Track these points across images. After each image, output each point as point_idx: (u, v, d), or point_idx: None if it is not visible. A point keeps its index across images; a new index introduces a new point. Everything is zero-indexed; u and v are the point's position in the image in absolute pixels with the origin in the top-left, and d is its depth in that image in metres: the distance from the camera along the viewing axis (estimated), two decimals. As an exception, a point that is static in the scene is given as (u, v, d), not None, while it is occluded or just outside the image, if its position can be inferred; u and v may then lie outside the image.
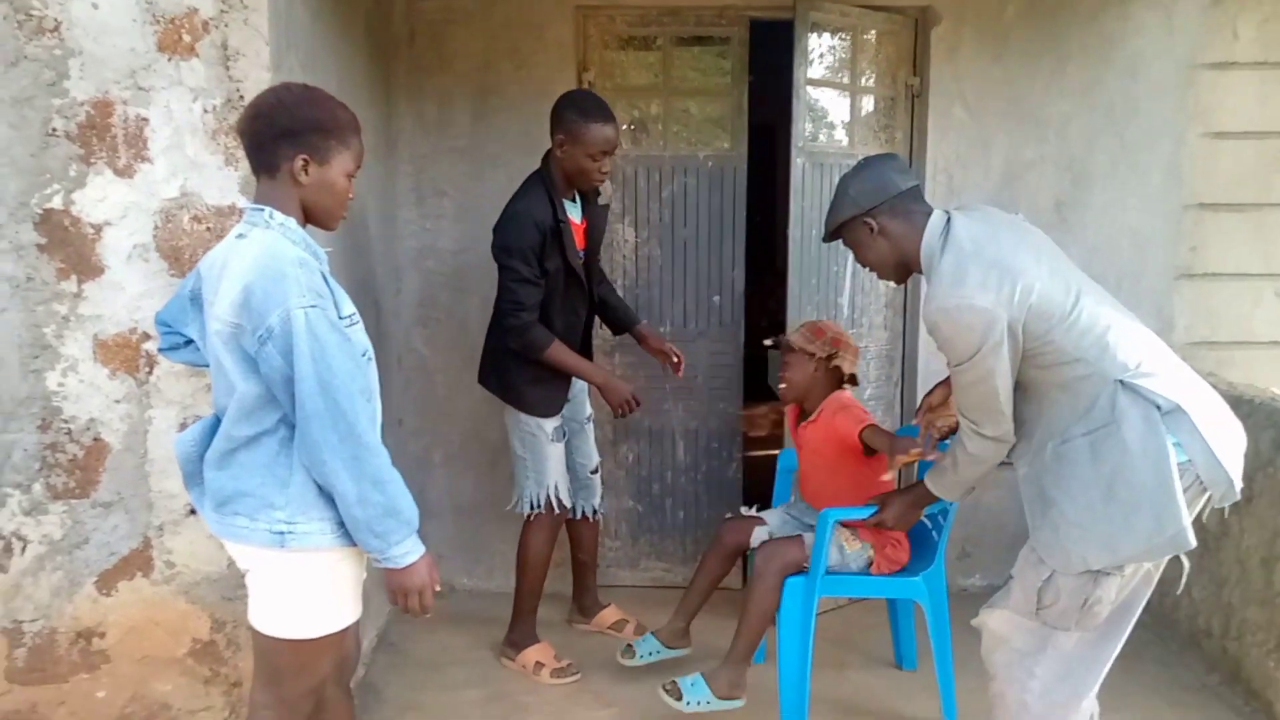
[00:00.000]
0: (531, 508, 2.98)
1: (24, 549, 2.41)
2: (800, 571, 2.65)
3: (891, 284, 2.71)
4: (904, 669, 3.12)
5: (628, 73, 3.50)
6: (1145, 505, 1.86)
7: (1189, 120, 3.43)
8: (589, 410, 3.18)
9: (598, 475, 3.21)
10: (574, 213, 2.92)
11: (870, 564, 2.69)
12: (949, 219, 2.06)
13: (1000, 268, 1.94)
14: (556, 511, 3.00)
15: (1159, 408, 1.88)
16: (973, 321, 1.92)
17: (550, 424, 2.94)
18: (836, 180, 3.24)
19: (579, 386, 3.10)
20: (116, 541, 2.43)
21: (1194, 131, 3.44)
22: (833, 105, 3.38)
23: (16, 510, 2.40)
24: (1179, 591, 2.13)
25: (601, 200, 3.02)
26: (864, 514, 2.56)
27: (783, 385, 2.82)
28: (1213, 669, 2.99)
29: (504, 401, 2.95)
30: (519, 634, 3.07)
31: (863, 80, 3.39)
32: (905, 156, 3.53)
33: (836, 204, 2.20)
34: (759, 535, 2.83)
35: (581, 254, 2.92)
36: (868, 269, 2.24)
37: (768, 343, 3.00)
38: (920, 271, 2.12)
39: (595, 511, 3.22)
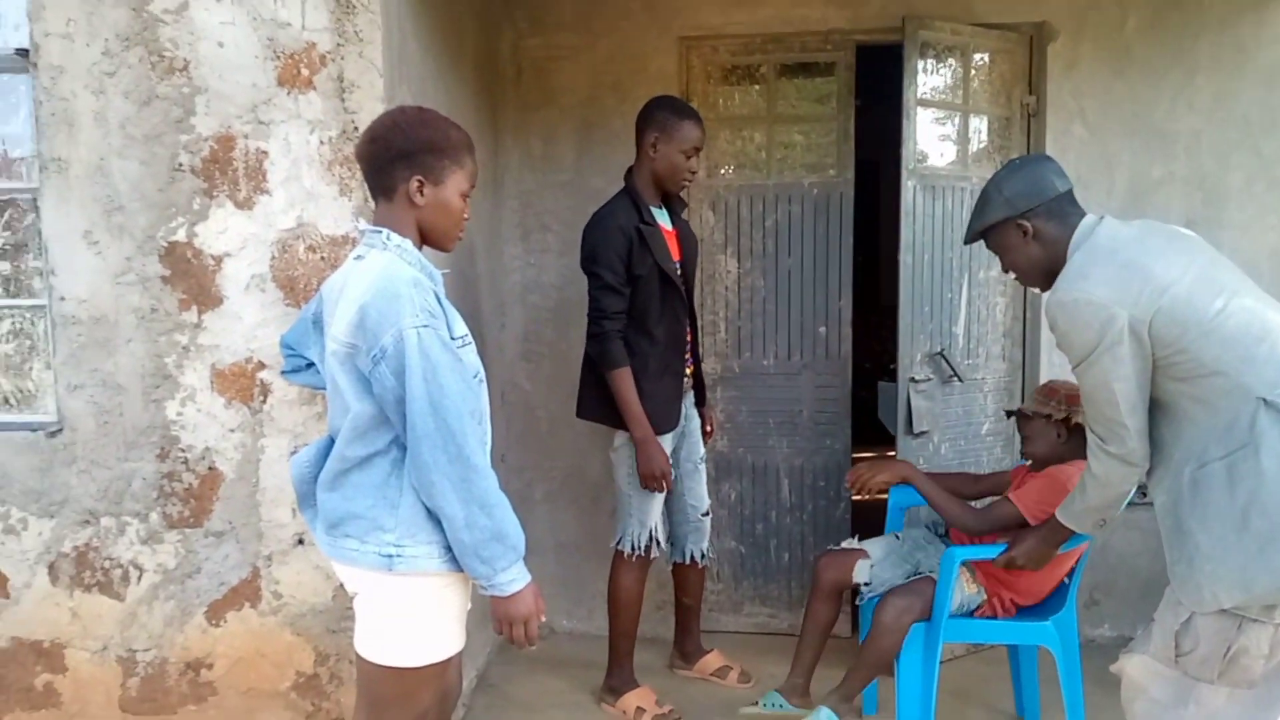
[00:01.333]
0: (632, 549, 2.89)
1: (140, 578, 2.45)
2: (923, 618, 2.49)
3: (1008, 314, 2.56)
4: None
5: (731, 102, 3.46)
6: None
7: (1334, 131, 3.20)
8: (702, 451, 3.09)
9: (708, 518, 3.11)
10: (664, 219, 2.89)
11: (979, 609, 2.52)
12: (1101, 220, 1.96)
13: (1132, 267, 1.84)
14: (654, 555, 2.92)
15: None
16: (1089, 317, 1.82)
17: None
18: (948, 204, 3.19)
19: (694, 425, 3.04)
20: (227, 571, 2.45)
21: (1340, 144, 3.21)
22: (944, 126, 3.27)
23: (134, 539, 2.44)
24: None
25: (698, 229, 3.03)
26: (993, 552, 2.39)
27: (1028, 459, 2.62)
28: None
29: (612, 426, 2.87)
30: (618, 679, 2.98)
31: (976, 100, 3.27)
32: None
33: (987, 205, 2.08)
34: (861, 570, 2.69)
35: (678, 264, 2.86)
36: (1011, 274, 2.13)
37: (1007, 410, 2.87)
38: None
39: (704, 555, 3.11)
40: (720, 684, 3.09)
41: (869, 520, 3.32)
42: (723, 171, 3.46)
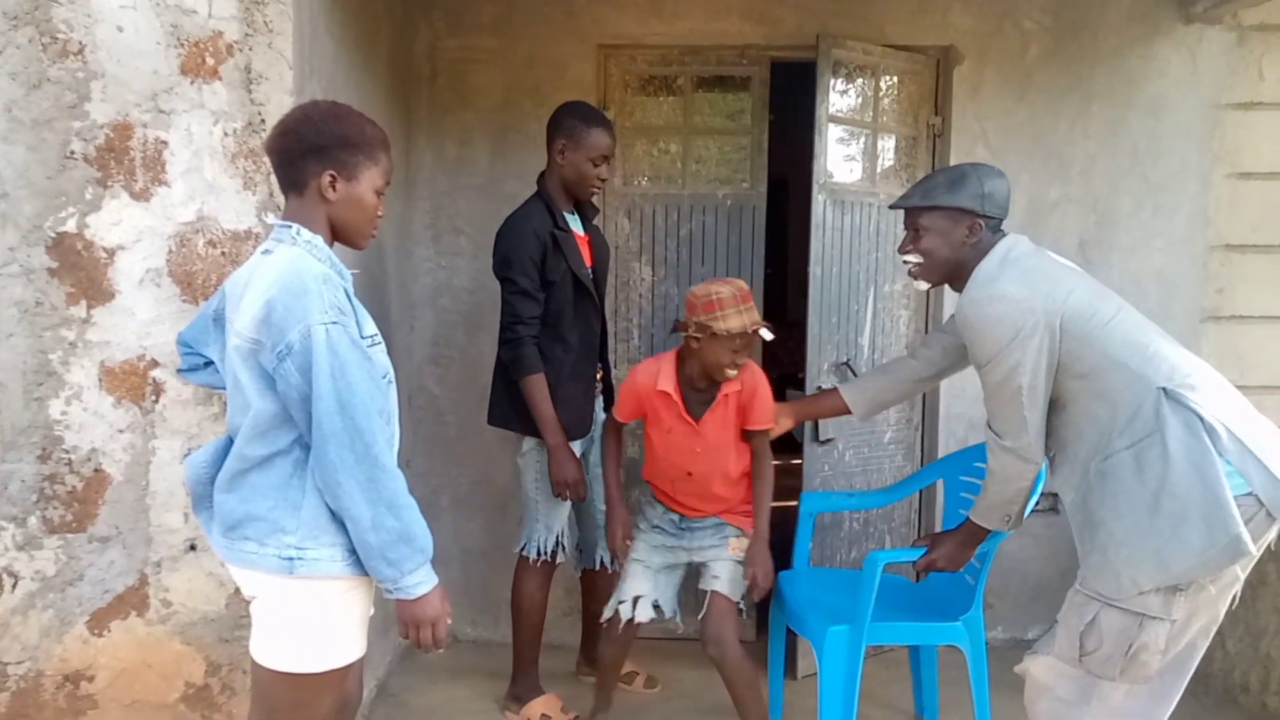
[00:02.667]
0: (538, 554, 2.86)
1: (14, 586, 2.32)
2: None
3: (911, 325, 2.62)
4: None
5: (649, 112, 3.48)
6: (1194, 514, 1.78)
7: (1215, 161, 3.39)
8: None
9: None
10: (576, 225, 2.88)
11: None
12: (1006, 244, 2.06)
13: (1037, 272, 1.97)
14: (559, 560, 2.90)
15: (1202, 421, 1.81)
16: (1003, 312, 1.91)
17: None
18: (856, 219, 3.27)
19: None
20: (112, 578, 2.33)
21: (1220, 172, 3.40)
22: (854, 144, 3.35)
23: (10, 544, 2.31)
24: (1233, 606, 2.01)
25: (613, 236, 3.01)
26: (913, 555, 2.43)
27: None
28: (1253, 726, 2.86)
29: (522, 433, 2.84)
30: (522, 686, 2.94)
31: (885, 119, 3.36)
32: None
33: (963, 187, 2.07)
34: (644, 610, 2.58)
35: (590, 270, 2.85)
36: (912, 257, 2.15)
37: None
38: (962, 283, 2.09)
39: (613, 561, 3.10)
40: (627, 689, 3.08)
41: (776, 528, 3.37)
42: (638, 180, 3.48)
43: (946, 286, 2.22)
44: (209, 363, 1.89)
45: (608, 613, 2.60)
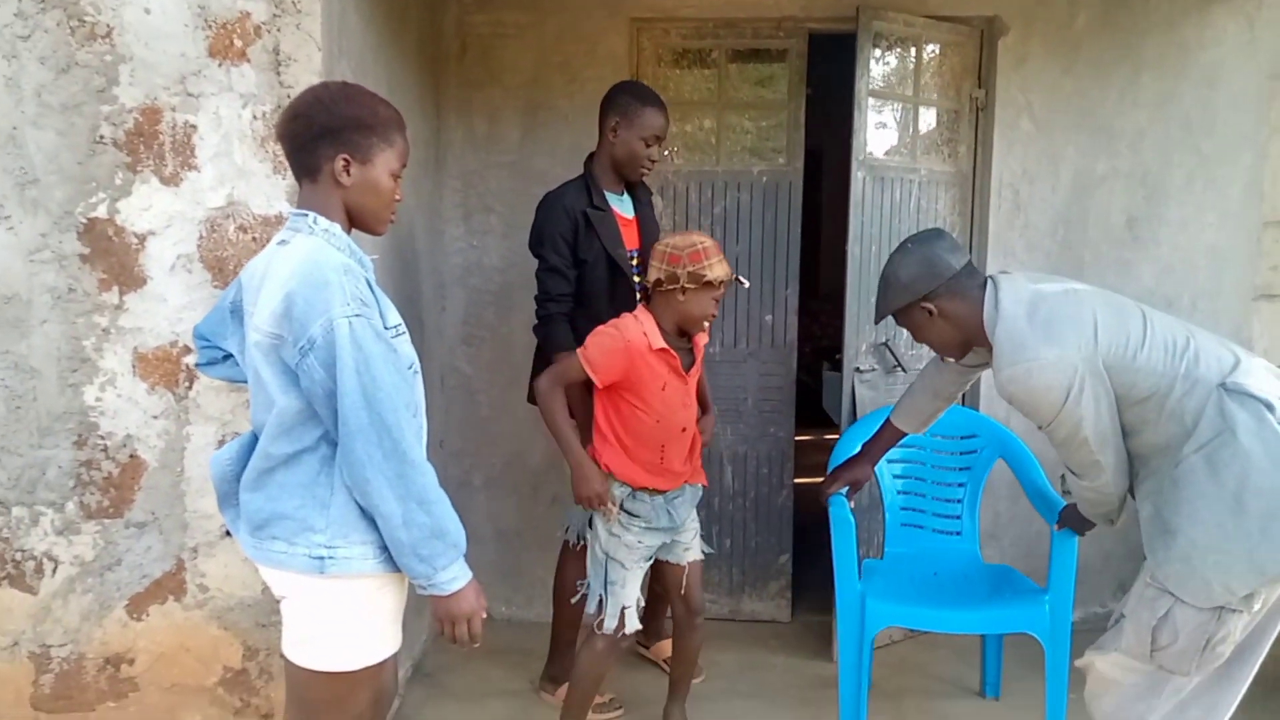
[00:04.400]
0: (578, 539, 2.84)
1: (55, 570, 2.34)
2: None
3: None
4: (987, 697, 2.99)
5: (682, 86, 3.41)
6: None
7: (1272, 133, 3.27)
8: None
9: None
10: (622, 207, 2.83)
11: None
12: (998, 290, 2.00)
13: (1055, 320, 1.91)
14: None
15: (1269, 406, 1.75)
16: (1049, 379, 1.86)
17: None
18: (896, 195, 3.19)
19: None
20: (149, 563, 2.35)
21: (1276, 145, 3.28)
22: (895, 118, 3.26)
23: (49, 529, 2.32)
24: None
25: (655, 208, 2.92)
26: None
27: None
28: (1306, 717, 2.79)
29: None
30: (558, 668, 2.93)
31: (925, 93, 3.26)
32: (969, 170, 3.40)
33: (887, 290, 2.13)
34: (631, 621, 2.49)
35: (634, 252, 2.80)
36: (926, 348, 2.21)
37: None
38: (984, 345, 2.05)
39: (577, 538, 2.97)
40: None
41: (811, 507, 3.33)
42: (671, 157, 3.41)
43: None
44: (228, 355, 1.85)
45: (608, 621, 2.47)
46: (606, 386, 2.39)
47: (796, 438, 3.52)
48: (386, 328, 1.64)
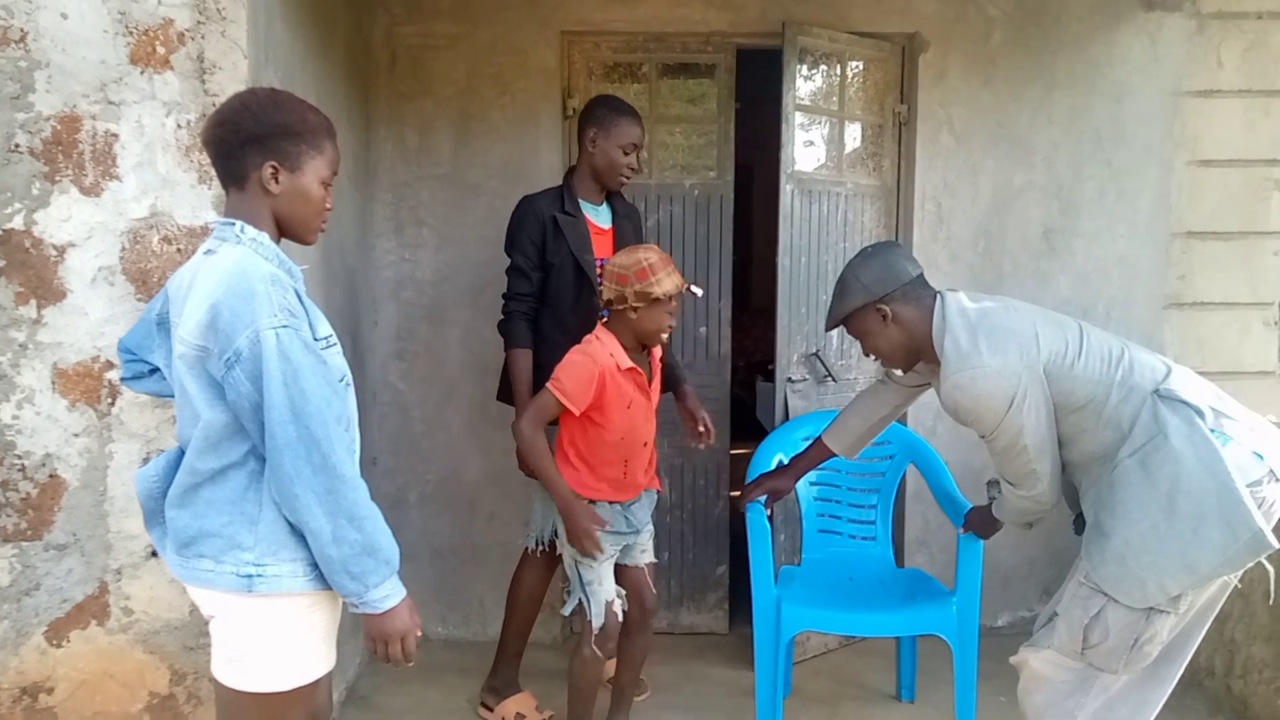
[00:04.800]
0: (536, 544, 2.84)
1: (-31, 597, 2.24)
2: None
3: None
4: (903, 700, 3.05)
5: (612, 100, 3.44)
6: (1211, 513, 1.80)
7: (1176, 147, 3.43)
8: None
9: None
10: (598, 216, 2.88)
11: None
12: (944, 303, 2.07)
13: (998, 332, 1.98)
14: (550, 553, 2.87)
15: (1199, 412, 1.84)
16: (992, 387, 1.93)
17: None
18: (824, 208, 3.26)
19: None
20: (70, 587, 2.27)
21: (1181, 159, 3.44)
22: (821, 133, 3.34)
23: (-38, 554, 2.23)
24: (1270, 603, 2.05)
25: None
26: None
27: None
28: (1217, 710, 2.91)
29: None
30: (502, 680, 2.92)
31: (850, 107, 3.35)
32: (893, 183, 3.50)
33: (846, 291, 2.18)
34: (623, 607, 2.55)
35: (604, 260, 2.81)
36: (874, 358, 2.24)
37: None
38: (930, 359, 2.11)
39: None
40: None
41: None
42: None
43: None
44: (154, 370, 1.79)
45: (595, 621, 2.49)
46: (567, 415, 2.42)
47: (731, 451, 3.55)
48: (316, 339, 1.61)
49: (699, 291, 2.54)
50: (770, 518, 2.70)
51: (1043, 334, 1.98)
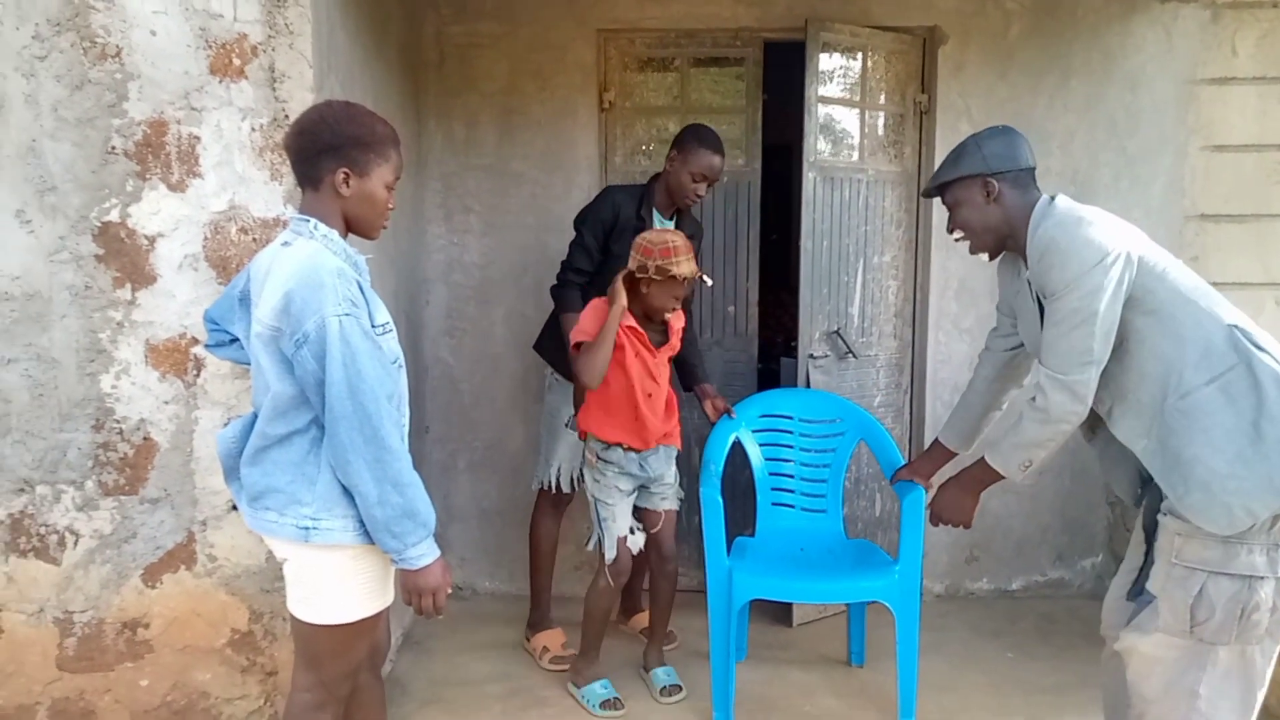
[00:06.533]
0: (540, 484, 3.15)
1: (76, 543, 2.55)
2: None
3: (900, 295, 2.70)
4: (853, 664, 3.22)
5: (647, 93, 3.64)
6: None
7: (1190, 134, 3.53)
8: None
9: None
10: (663, 224, 3.09)
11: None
12: (1055, 198, 2.07)
13: (1106, 220, 1.98)
14: (555, 493, 3.15)
15: (1272, 354, 1.85)
16: (1092, 235, 1.91)
17: (568, 410, 3.08)
18: (846, 194, 3.44)
19: None
20: (162, 536, 2.56)
21: (1195, 145, 3.54)
22: (844, 122, 3.52)
23: (70, 506, 2.54)
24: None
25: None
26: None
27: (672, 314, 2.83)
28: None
29: (549, 363, 3.12)
30: (535, 616, 3.25)
31: (873, 97, 3.51)
32: (914, 170, 3.65)
33: (963, 156, 2.15)
34: (635, 543, 2.90)
35: None
36: (958, 234, 2.21)
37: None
38: (1018, 248, 2.11)
39: (568, 483, 3.22)
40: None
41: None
42: (639, 158, 3.65)
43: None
44: (234, 339, 2.03)
45: (608, 554, 2.85)
46: None
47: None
48: (374, 325, 1.82)
49: (710, 281, 2.80)
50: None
51: (1146, 241, 1.98)
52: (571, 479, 3.16)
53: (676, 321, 2.86)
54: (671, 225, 3.11)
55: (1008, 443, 2.12)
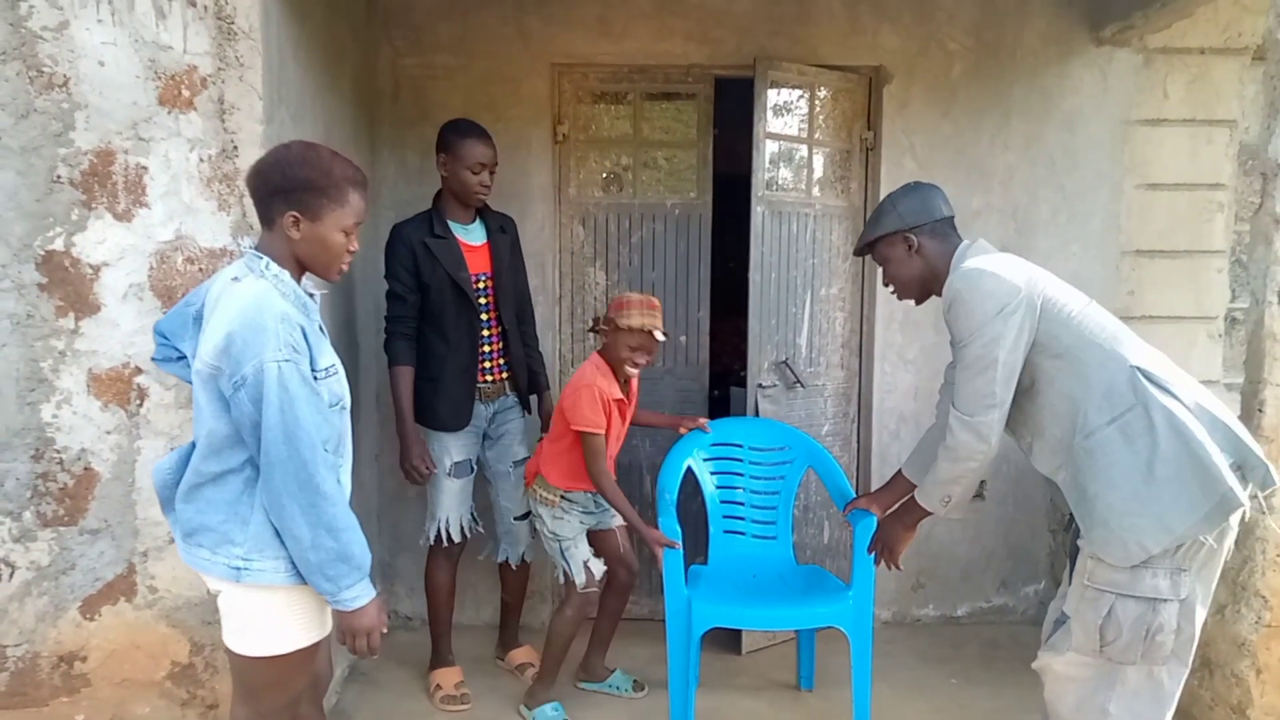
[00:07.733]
0: (427, 540, 3.16)
1: (11, 575, 2.52)
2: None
3: (846, 327, 2.78)
4: (802, 689, 3.25)
5: (600, 126, 3.70)
6: (1187, 475, 1.89)
7: (1125, 172, 3.66)
8: (518, 456, 3.20)
9: (522, 523, 3.22)
10: (469, 235, 3.08)
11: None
12: (974, 242, 2.20)
13: (1014, 264, 2.10)
14: (446, 545, 3.14)
15: (1175, 396, 1.94)
16: (993, 287, 2.02)
17: (448, 458, 3.07)
18: (794, 227, 3.51)
19: (508, 429, 3.19)
20: (102, 567, 2.54)
21: (1130, 183, 3.66)
22: (792, 157, 3.59)
23: (6, 537, 2.51)
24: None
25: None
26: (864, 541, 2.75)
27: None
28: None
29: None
30: (435, 655, 3.24)
31: (820, 134, 3.60)
32: (860, 204, 3.74)
33: (881, 217, 2.30)
34: (597, 568, 3.01)
35: (481, 275, 3.05)
36: (890, 287, 2.35)
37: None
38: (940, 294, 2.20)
39: (520, 558, 3.26)
40: (519, 678, 3.29)
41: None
42: (592, 190, 3.70)
43: (883, 295, 2.41)
44: (182, 356, 2.00)
45: (578, 579, 2.96)
46: (565, 428, 2.90)
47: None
48: (318, 370, 1.82)
49: (662, 337, 2.87)
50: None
51: (1052, 283, 2.09)
52: (462, 527, 3.13)
53: (634, 381, 3.02)
54: (477, 229, 3.10)
55: (929, 480, 2.26)
